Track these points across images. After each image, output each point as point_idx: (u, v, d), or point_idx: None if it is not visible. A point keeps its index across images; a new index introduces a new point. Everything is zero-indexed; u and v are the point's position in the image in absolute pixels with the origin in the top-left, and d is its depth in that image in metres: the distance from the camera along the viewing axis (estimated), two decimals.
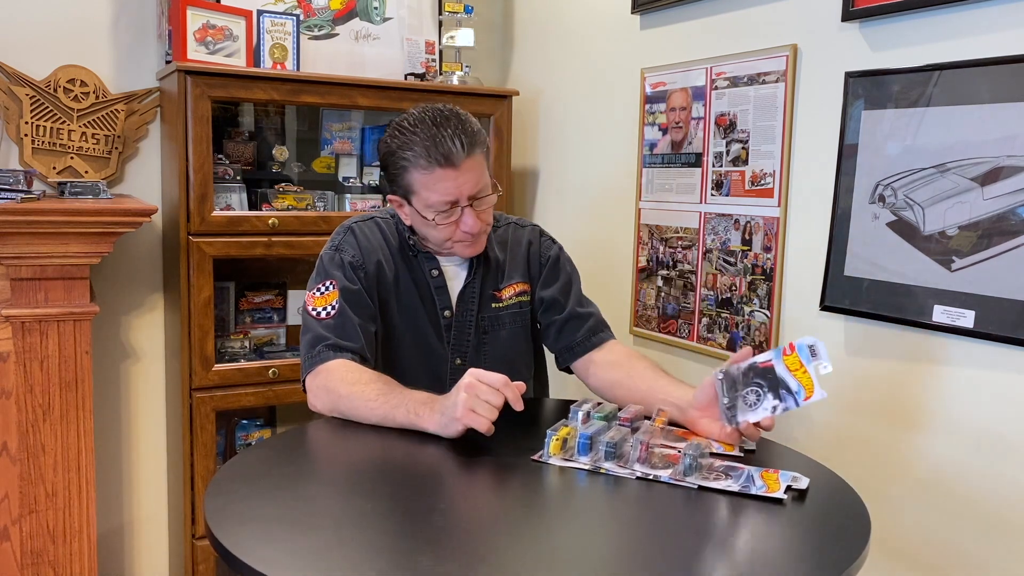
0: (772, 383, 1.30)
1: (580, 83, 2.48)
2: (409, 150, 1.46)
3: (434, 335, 1.61)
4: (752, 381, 1.31)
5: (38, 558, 1.91)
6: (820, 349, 1.28)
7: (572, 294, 1.67)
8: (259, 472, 1.23)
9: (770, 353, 1.31)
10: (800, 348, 1.29)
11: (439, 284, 1.60)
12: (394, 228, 1.63)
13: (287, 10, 2.32)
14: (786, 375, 1.29)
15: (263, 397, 2.23)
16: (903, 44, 1.57)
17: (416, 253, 1.60)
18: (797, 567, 1.00)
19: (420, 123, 1.47)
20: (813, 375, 1.27)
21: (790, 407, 1.29)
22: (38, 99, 2.19)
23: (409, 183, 1.49)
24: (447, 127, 1.45)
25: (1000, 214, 1.40)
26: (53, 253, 1.85)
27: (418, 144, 1.45)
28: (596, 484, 1.20)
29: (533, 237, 1.71)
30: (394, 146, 1.49)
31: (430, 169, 1.45)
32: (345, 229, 1.61)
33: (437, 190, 1.47)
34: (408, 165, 1.47)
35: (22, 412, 1.87)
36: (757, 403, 1.30)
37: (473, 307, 1.62)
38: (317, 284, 1.55)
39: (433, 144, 1.44)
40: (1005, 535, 1.44)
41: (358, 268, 1.55)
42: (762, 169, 1.86)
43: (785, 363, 1.29)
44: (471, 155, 1.47)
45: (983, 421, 1.47)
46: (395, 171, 1.51)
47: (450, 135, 1.44)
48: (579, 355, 1.63)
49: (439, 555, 0.97)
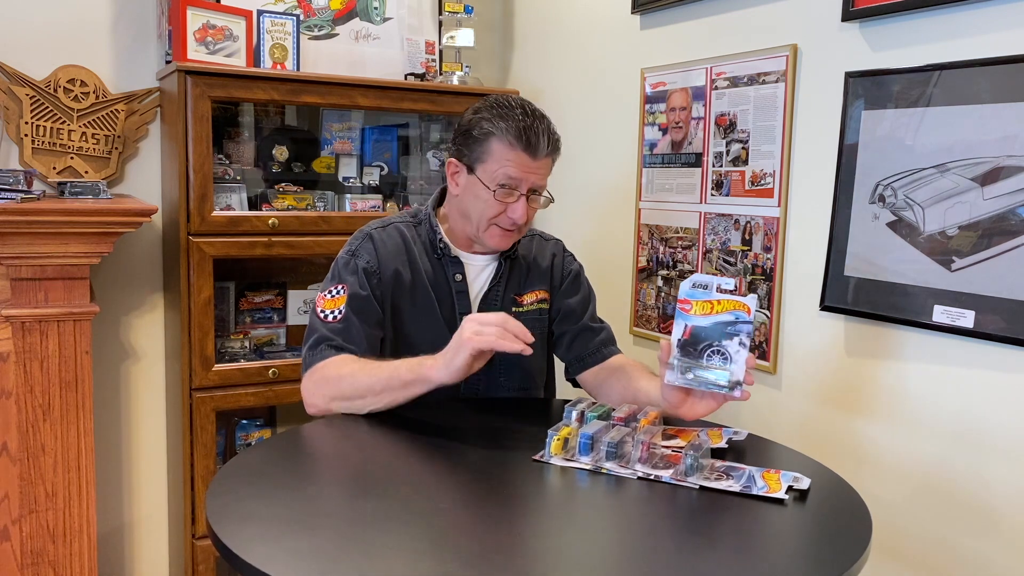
0: (712, 335, 1.29)
1: (580, 83, 2.48)
2: (503, 121, 1.53)
3: (451, 338, 1.61)
4: (700, 351, 1.30)
5: (38, 558, 1.91)
6: (699, 279, 1.29)
7: (589, 309, 1.73)
8: (259, 472, 1.23)
9: (678, 324, 1.30)
10: (691, 295, 1.29)
11: (460, 288, 1.63)
12: (416, 231, 1.66)
13: (287, 10, 2.32)
14: (712, 319, 1.28)
15: (263, 397, 2.23)
16: (903, 44, 1.57)
17: (442, 256, 1.63)
18: (798, 567, 1.01)
19: (520, 107, 1.56)
20: (727, 297, 1.28)
21: (747, 330, 1.28)
22: (38, 99, 2.19)
23: (485, 150, 1.55)
24: (541, 123, 1.55)
25: (1000, 214, 1.40)
26: (53, 253, 1.85)
27: (513, 122, 1.53)
28: (597, 484, 1.20)
29: (557, 251, 1.77)
30: (487, 114, 1.55)
31: (514, 147, 1.52)
32: (364, 235, 1.64)
33: (510, 166, 1.53)
34: (495, 133, 1.53)
35: (22, 412, 1.87)
36: (727, 360, 1.29)
37: (496, 310, 1.64)
38: (329, 287, 1.59)
39: (527, 128, 1.53)
40: (1005, 536, 1.44)
41: (372, 274, 1.58)
42: (762, 169, 1.86)
43: (697, 312, 1.29)
44: (550, 156, 1.58)
45: (983, 421, 1.47)
46: (477, 134, 1.55)
47: (543, 129, 1.54)
48: (589, 366, 1.69)
49: (440, 555, 0.97)
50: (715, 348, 1.29)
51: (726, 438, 1.39)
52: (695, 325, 1.30)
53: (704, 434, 1.30)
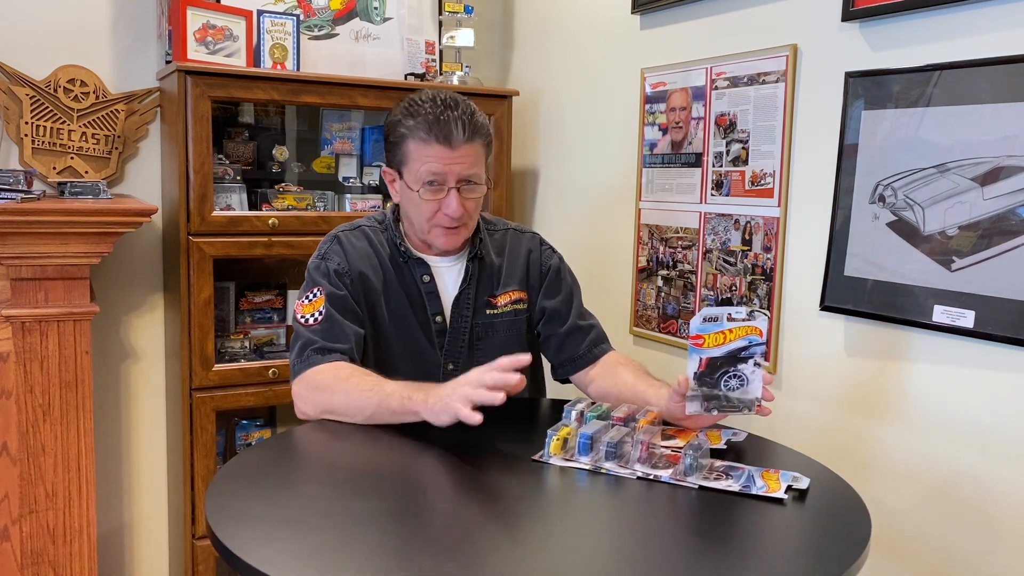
0: (729, 362, 1.30)
1: (580, 83, 2.48)
2: (413, 119, 1.50)
3: (425, 341, 1.61)
4: (716, 379, 1.31)
5: (38, 558, 1.91)
6: (708, 313, 1.29)
7: (574, 307, 1.69)
8: (259, 472, 1.23)
9: (692, 359, 1.31)
10: (703, 329, 1.29)
11: (430, 290, 1.60)
12: (383, 236, 1.64)
13: (287, 10, 2.32)
14: (725, 349, 1.29)
15: (263, 397, 2.23)
16: (903, 44, 1.57)
17: (407, 259, 1.61)
18: (797, 567, 1.01)
19: (430, 101, 1.52)
20: (740, 324, 1.28)
21: (761, 351, 1.29)
22: (38, 99, 2.19)
23: (405, 152, 1.53)
24: (455, 110, 1.50)
25: (1000, 214, 1.40)
26: (53, 253, 1.85)
27: (422, 117, 1.49)
28: (597, 484, 1.20)
29: (533, 245, 1.71)
30: (400, 115, 1.54)
31: (427, 142, 1.49)
32: (331, 238, 1.63)
33: (428, 163, 1.50)
34: (408, 135, 1.51)
35: (22, 412, 1.87)
36: (744, 382, 1.30)
37: (468, 313, 1.62)
38: (305, 292, 1.58)
39: (436, 121, 1.48)
40: (1006, 535, 1.44)
41: (343, 275, 1.57)
42: (762, 169, 1.86)
43: (710, 344, 1.29)
44: (470, 142, 1.51)
45: (983, 421, 1.47)
46: (395, 139, 1.54)
47: (455, 117, 1.49)
48: (580, 368, 1.66)
49: (440, 555, 0.97)
50: (731, 373, 1.30)
51: (725, 438, 1.39)
52: (710, 356, 1.30)
53: (703, 434, 1.30)
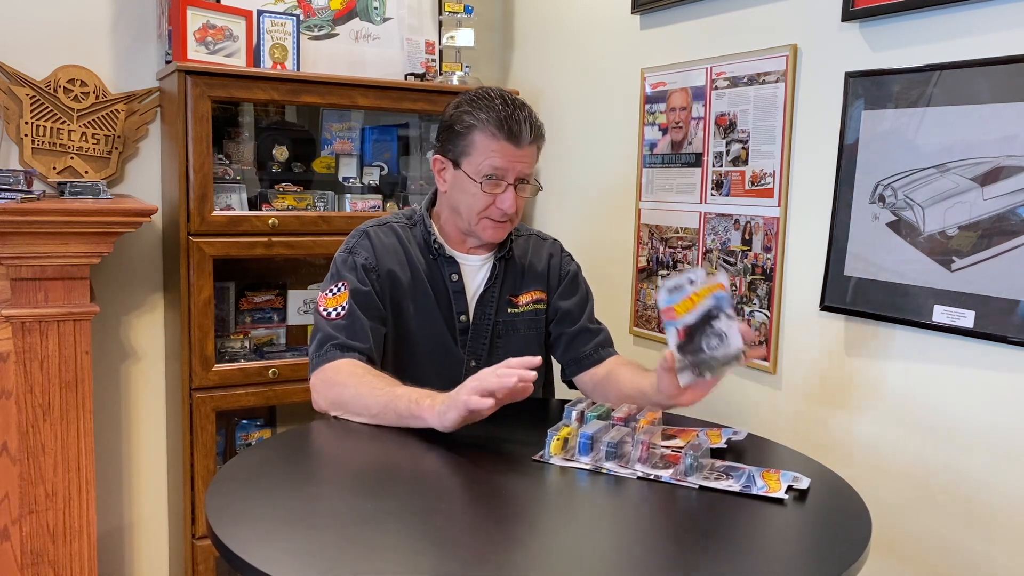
0: (704, 323, 1.31)
1: (580, 83, 2.48)
2: (484, 112, 1.54)
3: (450, 338, 1.63)
4: (698, 341, 1.31)
5: (38, 558, 1.91)
6: (669, 284, 1.31)
7: (586, 311, 1.73)
8: (259, 472, 1.23)
9: (669, 332, 1.32)
10: (670, 301, 1.31)
11: (457, 288, 1.63)
12: (411, 232, 1.65)
13: (287, 10, 2.32)
14: (696, 312, 1.30)
15: (263, 397, 2.23)
16: (903, 44, 1.57)
17: (437, 256, 1.63)
18: (798, 567, 1.01)
19: (499, 98, 1.56)
20: (703, 285, 1.30)
21: (727, 301, 1.31)
22: (38, 99, 2.19)
23: (468, 143, 1.55)
24: (522, 111, 1.56)
25: (1000, 214, 1.40)
26: (53, 253, 1.85)
27: (494, 112, 1.53)
28: (597, 484, 1.20)
29: (555, 251, 1.77)
30: (468, 107, 1.56)
31: (496, 137, 1.53)
32: (360, 233, 1.64)
33: (495, 156, 1.54)
34: (476, 126, 1.54)
35: (22, 412, 1.87)
36: (723, 338, 1.31)
37: (491, 311, 1.65)
38: (329, 285, 1.59)
39: (507, 118, 1.53)
40: (1006, 536, 1.44)
41: (370, 271, 1.58)
42: (762, 169, 1.86)
43: (681, 313, 1.31)
44: (533, 144, 1.57)
45: (983, 422, 1.47)
46: (460, 129, 1.56)
47: (524, 117, 1.55)
48: (585, 368, 1.68)
49: (441, 555, 0.97)
50: (709, 333, 1.31)
51: (725, 438, 1.39)
52: (685, 324, 1.31)
53: (703, 434, 1.30)
